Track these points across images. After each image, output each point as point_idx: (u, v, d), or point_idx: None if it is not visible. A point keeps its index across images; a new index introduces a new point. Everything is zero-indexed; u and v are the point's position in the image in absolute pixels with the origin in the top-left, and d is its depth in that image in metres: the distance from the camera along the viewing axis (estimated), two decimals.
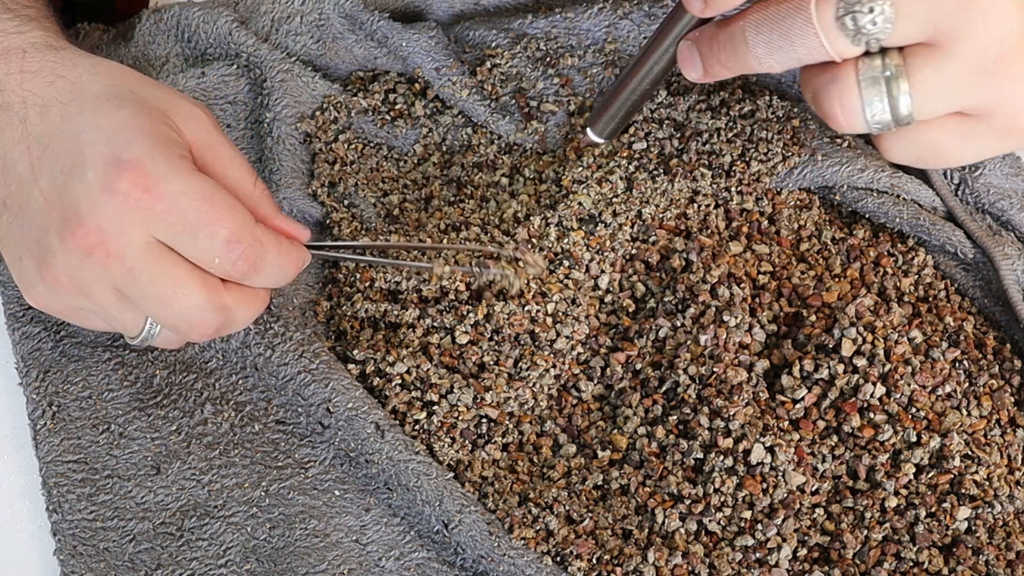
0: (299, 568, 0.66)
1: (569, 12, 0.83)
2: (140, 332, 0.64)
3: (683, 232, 0.76)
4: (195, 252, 0.61)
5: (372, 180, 0.79)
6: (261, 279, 0.63)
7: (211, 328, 0.63)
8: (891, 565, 0.65)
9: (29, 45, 0.66)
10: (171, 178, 0.60)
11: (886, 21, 0.54)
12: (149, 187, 0.60)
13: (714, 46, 0.59)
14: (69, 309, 0.64)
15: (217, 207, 0.61)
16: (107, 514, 0.67)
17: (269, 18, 0.82)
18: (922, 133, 0.58)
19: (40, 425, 0.69)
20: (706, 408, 0.69)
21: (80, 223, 0.60)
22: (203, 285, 0.62)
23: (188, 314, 0.62)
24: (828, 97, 0.57)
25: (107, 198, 0.60)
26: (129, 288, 0.61)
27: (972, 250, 0.75)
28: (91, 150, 0.61)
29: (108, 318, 0.64)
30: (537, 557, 0.65)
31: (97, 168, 0.60)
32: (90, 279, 0.61)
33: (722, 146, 0.77)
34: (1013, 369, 0.72)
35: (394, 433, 0.68)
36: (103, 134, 0.61)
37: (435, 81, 0.81)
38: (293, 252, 0.64)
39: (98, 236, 0.60)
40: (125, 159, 0.60)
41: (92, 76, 0.64)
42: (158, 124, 0.62)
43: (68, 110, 0.63)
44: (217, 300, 0.62)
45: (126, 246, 0.60)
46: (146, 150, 0.60)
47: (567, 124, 0.79)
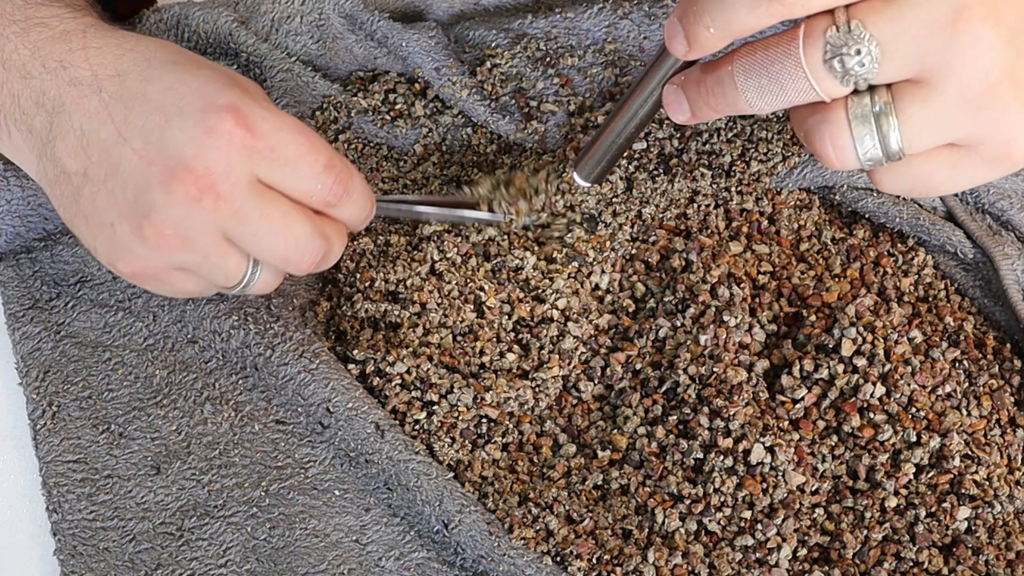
0: (299, 568, 0.66)
1: (569, 12, 0.83)
2: (243, 278, 0.66)
3: (683, 232, 0.76)
4: (297, 182, 0.64)
5: (372, 180, 0.79)
6: (350, 206, 0.66)
7: (319, 255, 0.66)
8: (891, 565, 0.65)
9: (88, 26, 0.67)
10: (267, 116, 0.63)
11: (873, 62, 0.55)
12: (250, 126, 0.62)
13: (702, 90, 0.60)
14: (166, 269, 0.65)
15: (311, 139, 0.64)
16: (107, 514, 0.67)
17: (269, 18, 0.82)
18: (913, 166, 0.58)
19: (40, 425, 0.69)
20: (706, 408, 0.69)
21: (188, 169, 0.62)
22: (307, 215, 0.65)
23: (298, 242, 0.65)
24: (820, 137, 0.58)
25: (212, 140, 0.62)
26: (239, 228, 0.63)
27: (972, 250, 0.75)
28: (185, 101, 0.63)
29: (210, 268, 0.65)
30: (537, 557, 0.65)
31: (196, 115, 0.62)
32: (197, 227, 0.63)
33: (722, 146, 0.77)
34: (1013, 369, 0.72)
35: (394, 433, 0.68)
36: (191, 87, 0.63)
37: (435, 81, 0.81)
38: (369, 188, 0.68)
39: (207, 179, 0.62)
40: (221, 103, 0.62)
41: (160, 48, 0.66)
42: (238, 79, 0.65)
43: (146, 74, 0.64)
44: (320, 228, 0.65)
45: (234, 185, 0.62)
46: (237, 95, 0.63)
47: (567, 124, 0.79)
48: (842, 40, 0.54)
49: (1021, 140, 0.57)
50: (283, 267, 0.66)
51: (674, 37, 0.58)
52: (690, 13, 0.57)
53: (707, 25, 0.56)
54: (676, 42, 0.58)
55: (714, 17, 0.56)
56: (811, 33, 0.55)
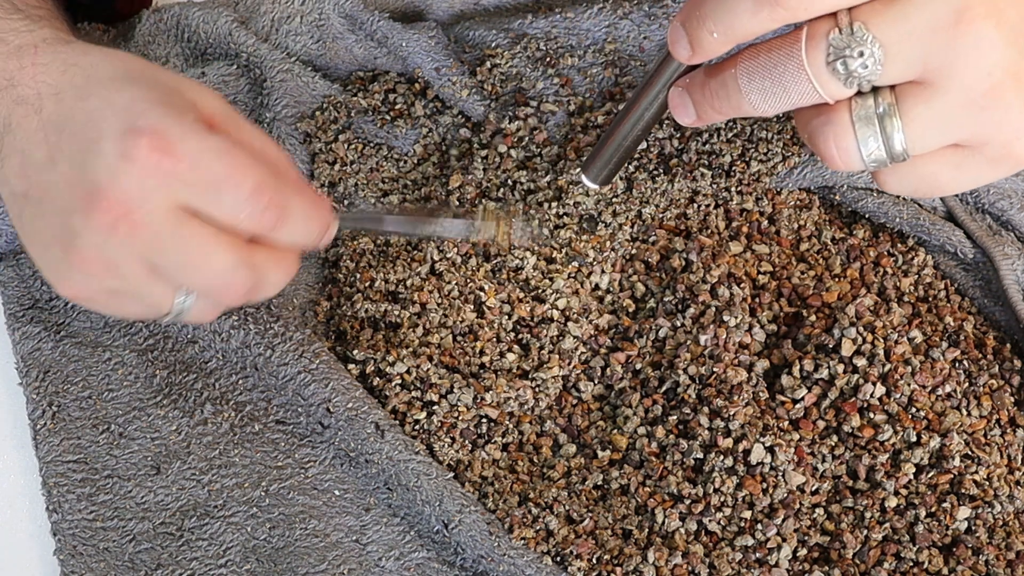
0: (299, 568, 0.66)
1: (569, 12, 0.83)
2: (171, 307, 0.64)
3: (683, 232, 0.76)
4: (221, 210, 0.61)
5: (372, 180, 0.79)
6: (288, 232, 0.63)
7: (244, 287, 0.62)
8: (891, 565, 0.65)
9: (40, 41, 0.66)
10: (189, 138, 0.60)
11: (876, 64, 0.55)
12: (168, 149, 0.60)
13: (706, 93, 0.60)
14: (103, 293, 0.64)
15: (237, 160, 0.61)
16: (107, 514, 0.67)
17: (269, 18, 0.82)
18: (918, 167, 0.59)
19: (40, 425, 0.69)
20: (706, 408, 0.69)
21: (103, 196, 0.60)
22: (231, 244, 0.61)
23: (220, 275, 0.61)
24: (824, 139, 0.58)
25: (126, 166, 0.60)
26: (157, 257, 0.61)
27: (972, 250, 0.75)
28: (106, 124, 0.61)
29: (139, 296, 0.64)
30: (537, 557, 0.65)
31: (114, 139, 0.60)
32: (118, 254, 0.61)
33: (722, 146, 0.77)
34: (1013, 369, 0.72)
35: (394, 433, 0.68)
36: (116, 108, 0.61)
37: (435, 81, 0.81)
38: (320, 205, 0.64)
39: (122, 207, 0.60)
40: (140, 126, 0.60)
41: (104, 62, 0.64)
42: (171, 96, 0.62)
43: (81, 92, 0.63)
44: (247, 257, 0.62)
45: (150, 213, 0.60)
46: (161, 117, 0.61)
47: (567, 124, 0.79)
48: (845, 42, 0.55)
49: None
50: (207, 298, 0.64)
51: (677, 42, 0.58)
52: (693, 18, 0.57)
53: (710, 30, 0.56)
54: (680, 47, 0.58)
55: (717, 22, 0.56)
56: (814, 36, 0.55)
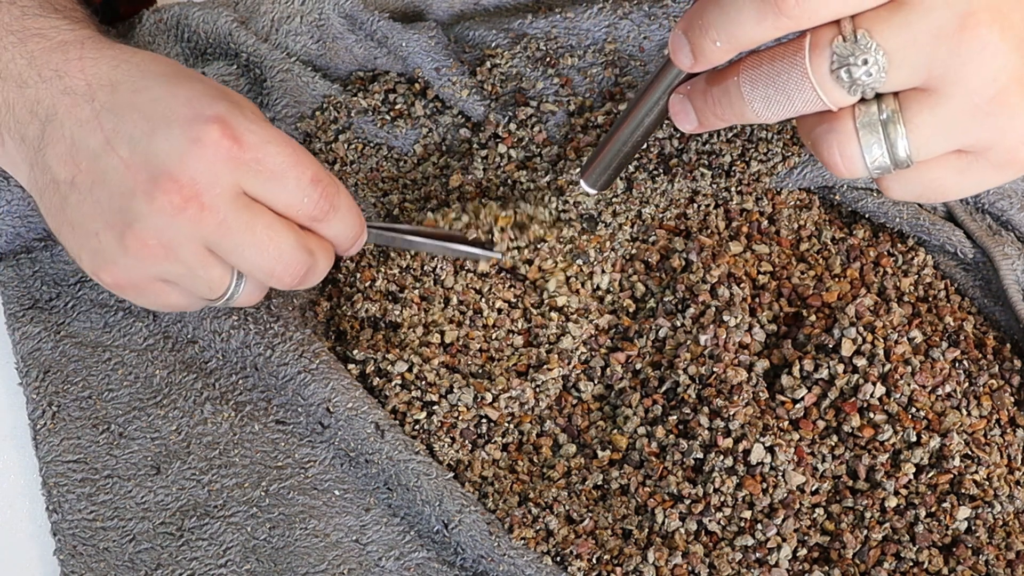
0: (299, 568, 0.66)
1: (569, 12, 0.83)
2: (227, 289, 0.66)
3: (683, 232, 0.76)
4: (283, 196, 0.64)
5: (372, 180, 0.79)
6: (337, 222, 0.66)
7: (302, 269, 0.65)
8: (891, 565, 0.65)
9: (85, 38, 0.67)
10: (254, 129, 0.63)
11: (880, 71, 0.55)
12: (237, 137, 0.62)
13: (708, 100, 0.60)
14: (149, 280, 0.65)
15: (298, 152, 0.64)
16: (107, 514, 0.67)
17: (269, 18, 0.82)
18: (921, 173, 0.58)
19: (40, 425, 0.69)
20: (706, 408, 0.69)
21: (172, 178, 0.62)
22: (292, 228, 0.65)
23: (282, 255, 0.64)
24: (828, 146, 0.57)
25: (198, 150, 0.62)
26: (222, 240, 0.63)
27: (972, 250, 0.75)
28: (173, 112, 0.63)
29: (193, 280, 0.65)
30: (537, 557, 0.65)
31: (183, 125, 0.62)
32: (180, 237, 0.63)
33: (722, 146, 0.77)
34: (1013, 369, 0.72)
35: (394, 433, 0.68)
36: (181, 98, 0.63)
37: (435, 81, 0.81)
38: (357, 206, 0.67)
39: (192, 189, 0.62)
40: (210, 114, 0.62)
41: (154, 61, 0.66)
42: (228, 92, 0.65)
43: (139, 84, 0.64)
44: (305, 242, 0.65)
45: (219, 196, 0.62)
46: (226, 107, 0.63)
47: (567, 124, 0.79)
48: (849, 50, 0.54)
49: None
50: (266, 280, 0.66)
51: (679, 50, 0.58)
52: (695, 27, 0.57)
53: (713, 39, 0.56)
54: (682, 55, 0.58)
55: (720, 31, 0.56)
56: (817, 44, 0.55)
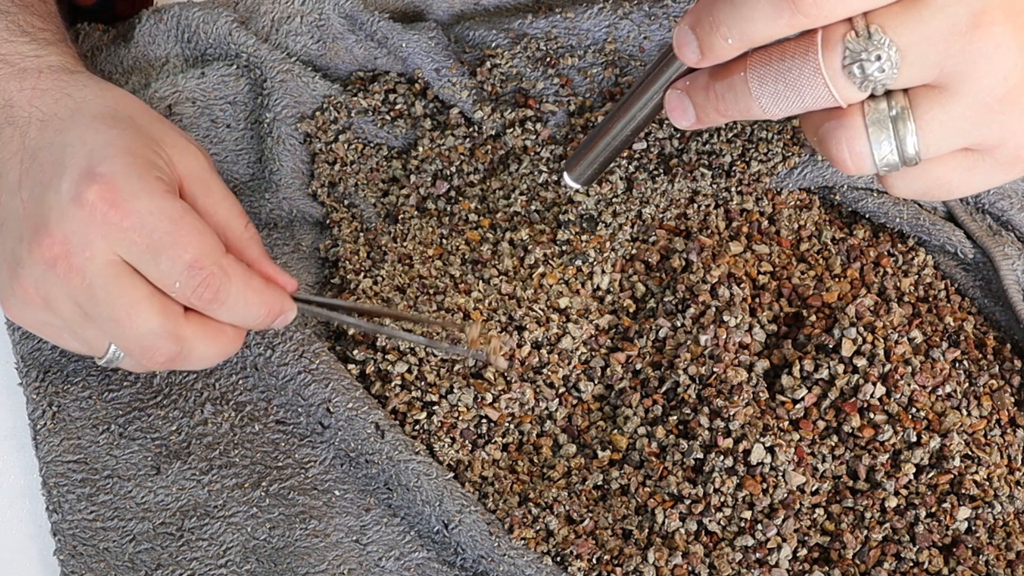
0: (299, 568, 0.66)
1: (569, 12, 0.83)
2: (105, 352, 0.64)
3: (683, 232, 0.76)
4: (156, 274, 0.61)
5: (372, 180, 0.79)
6: (224, 312, 0.63)
7: (163, 356, 0.63)
8: (891, 565, 0.65)
9: (46, 67, 0.67)
10: (141, 196, 0.61)
11: (893, 67, 0.54)
12: (117, 202, 0.60)
13: (711, 95, 0.59)
14: (40, 323, 0.65)
15: (184, 230, 0.61)
16: (107, 514, 0.67)
17: (269, 18, 0.82)
18: (929, 171, 0.58)
19: (40, 425, 0.69)
20: (706, 408, 0.69)
21: (48, 232, 0.61)
22: (160, 310, 0.62)
23: (141, 338, 0.62)
24: (836, 142, 0.57)
25: (75, 210, 0.61)
26: (88, 305, 0.62)
27: (972, 250, 0.75)
28: (71, 162, 0.62)
29: (73, 335, 0.64)
30: (537, 557, 0.65)
31: (71, 179, 0.61)
32: (54, 292, 0.62)
33: (722, 146, 0.77)
34: (1013, 369, 0.72)
35: (394, 433, 0.68)
36: (86, 148, 0.62)
37: (435, 82, 0.81)
38: (265, 292, 0.64)
39: (63, 247, 0.61)
40: (98, 172, 0.61)
41: (97, 97, 0.65)
42: (143, 148, 0.63)
43: (63, 124, 0.64)
44: (173, 328, 0.62)
45: (88, 260, 0.61)
46: (122, 167, 0.61)
47: (567, 124, 0.79)
48: (861, 46, 0.54)
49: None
50: (130, 355, 0.63)
51: (686, 45, 0.57)
52: (705, 22, 0.56)
53: (724, 35, 0.55)
54: (688, 50, 0.57)
55: (731, 27, 0.55)
56: (829, 39, 0.54)
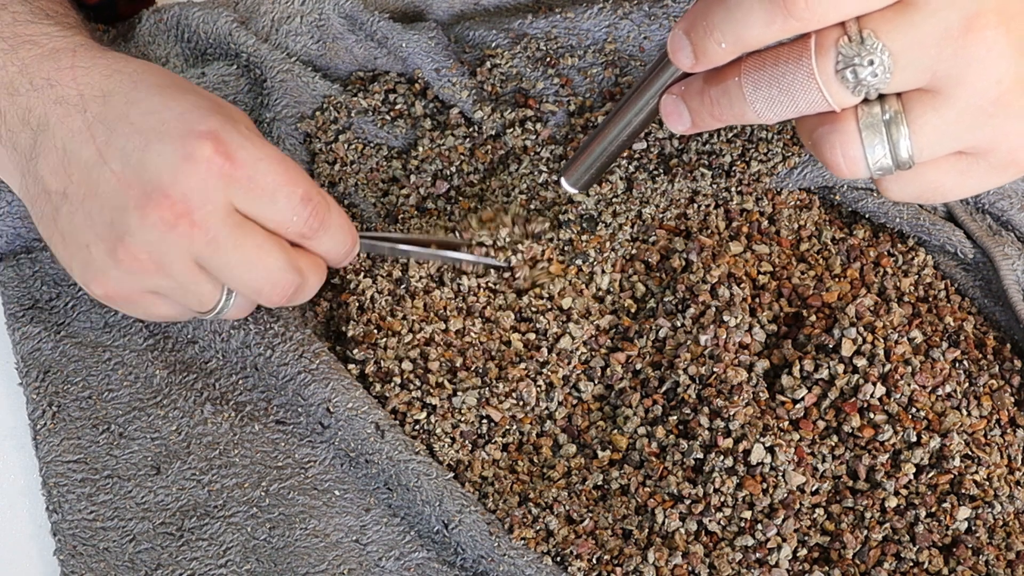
0: (299, 568, 0.66)
1: (569, 12, 0.83)
2: (216, 304, 0.66)
3: (683, 232, 0.76)
4: (273, 213, 0.64)
5: (372, 180, 0.79)
6: (327, 239, 0.66)
7: (291, 288, 0.65)
8: (891, 565, 0.65)
9: (77, 46, 0.67)
10: (247, 146, 0.63)
11: (885, 72, 0.55)
12: (229, 155, 0.62)
13: (706, 100, 0.59)
14: (140, 292, 0.65)
15: (291, 170, 0.64)
16: (107, 514, 0.67)
17: (269, 18, 0.82)
18: (922, 174, 0.58)
19: (40, 425, 0.69)
20: (706, 408, 0.69)
21: (164, 194, 0.62)
22: (282, 247, 0.65)
23: (271, 274, 0.64)
24: (830, 146, 0.57)
25: (190, 167, 0.62)
26: (212, 257, 0.63)
27: (972, 250, 0.75)
28: (166, 127, 0.63)
29: (184, 294, 0.65)
30: (537, 557, 0.65)
31: (176, 141, 0.62)
32: (171, 253, 0.63)
33: (722, 146, 0.77)
34: (1013, 369, 0.72)
35: (394, 433, 0.68)
36: (175, 112, 0.63)
37: (435, 81, 0.81)
38: (350, 223, 0.68)
39: (184, 205, 0.62)
40: (202, 130, 0.62)
41: (148, 70, 0.66)
42: (221, 107, 0.65)
43: (132, 96, 0.64)
44: (294, 261, 0.65)
45: (210, 214, 0.62)
46: (219, 123, 0.63)
47: (567, 124, 0.79)
48: (854, 51, 0.54)
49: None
50: (255, 298, 0.66)
51: (680, 50, 0.57)
52: (699, 27, 0.56)
53: (718, 40, 0.56)
54: (682, 55, 0.58)
55: (725, 32, 0.55)
56: (823, 44, 0.55)
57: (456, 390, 0.70)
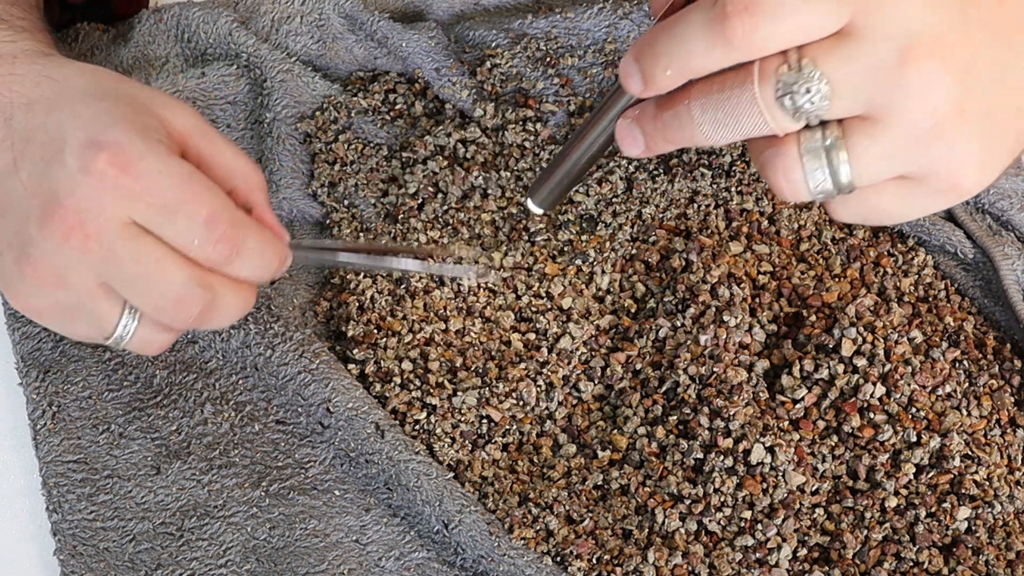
0: (299, 568, 0.66)
1: (569, 12, 0.83)
2: (115, 328, 0.63)
3: (683, 232, 0.76)
4: (173, 234, 0.61)
5: (372, 180, 0.79)
6: (243, 266, 0.63)
7: (197, 306, 0.62)
8: (891, 565, 0.65)
9: (20, 52, 0.67)
10: (149, 159, 0.61)
11: (823, 99, 0.55)
12: (127, 167, 0.60)
13: (658, 124, 0.60)
14: (51, 308, 0.64)
15: (196, 188, 0.61)
16: (107, 514, 0.67)
17: (269, 18, 0.82)
18: (866, 198, 0.60)
19: (40, 425, 0.69)
20: (706, 408, 0.69)
21: (59, 205, 0.60)
22: (186, 262, 0.61)
23: (172, 289, 0.61)
24: (773, 169, 0.58)
25: (85, 178, 0.60)
26: (110, 270, 0.61)
27: (972, 250, 0.75)
28: (70, 136, 0.61)
29: (85, 312, 0.63)
30: (537, 557, 0.65)
31: (75, 151, 0.61)
32: (69, 265, 0.61)
33: (722, 146, 0.77)
34: (1013, 369, 0.72)
35: (394, 433, 0.68)
36: (82, 120, 0.62)
37: (435, 81, 0.81)
38: (275, 243, 0.64)
39: (76, 217, 0.60)
40: (102, 140, 0.60)
41: (78, 75, 0.65)
42: (138, 114, 0.63)
43: (51, 104, 0.63)
44: (202, 275, 0.62)
45: (104, 226, 0.60)
46: (124, 133, 0.61)
47: (567, 124, 0.79)
48: (793, 78, 0.55)
49: (968, 171, 0.58)
50: (158, 317, 0.63)
51: (630, 76, 0.59)
52: (647, 55, 0.58)
53: (664, 67, 0.57)
54: (632, 81, 0.59)
55: (671, 59, 0.57)
56: (765, 71, 0.56)
57: (456, 390, 0.70)
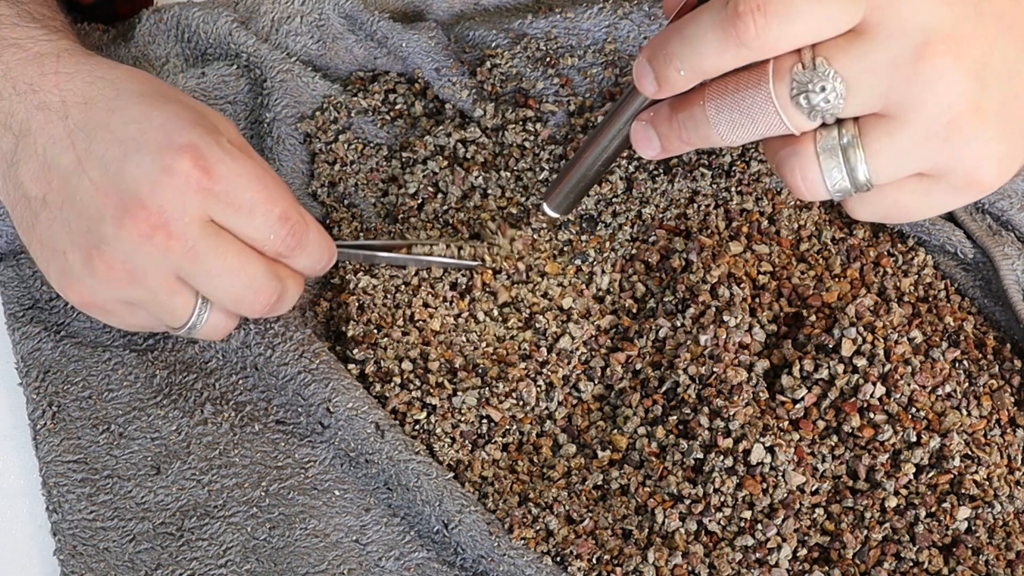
0: (299, 568, 0.66)
1: (569, 12, 0.83)
2: (188, 319, 0.66)
3: (683, 232, 0.76)
4: (250, 230, 0.64)
5: (372, 180, 0.79)
6: (304, 257, 0.67)
7: (272, 297, 0.66)
8: (891, 565, 0.65)
9: (62, 51, 0.67)
10: (227, 160, 0.63)
11: (838, 98, 0.56)
12: (207, 168, 0.62)
13: (673, 125, 0.61)
14: (115, 302, 0.65)
15: (270, 187, 0.64)
16: (107, 514, 0.67)
17: (269, 18, 0.82)
18: (884, 196, 0.60)
19: (40, 425, 0.69)
20: (706, 408, 0.69)
21: (141, 205, 0.62)
22: (260, 256, 0.65)
23: (252, 282, 0.65)
24: (790, 169, 0.59)
25: (168, 179, 0.62)
26: (192, 266, 0.63)
27: (972, 250, 0.75)
28: (146, 137, 0.63)
29: (157, 306, 0.65)
30: (537, 557, 0.65)
31: (155, 152, 0.62)
32: (147, 263, 0.63)
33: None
34: (1013, 369, 0.72)
35: (394, 433, 0.68)
36: (155, 123, 0.63)
37: (435, 81, 0.81)
38: (328, 239, 0.68)
39: (160, 217, 0.62)
40: (181, 143, 0.63)
41: (131, 78, 0.66)
42: (203, 118, 0.65)
43: (114, 104, 0.64)
44: (275, 270, 0.66)
45: (188, 225, 0.62)
46: (200, 136, 0.63)
47: (567, 124, 0.79)
48: (808, 77, 0.55)
49: (987, 167, 0.58)
50: (236, 308, 0.66)
51: (644, 77, 0.59)
52: (660, 56, 0.58)
53: (677, 68, 0.57)
54: (646, 82, 0.59)
55: (684, 60, 0.57)
56: (779, 70, 0.56)
57: (456, 390, 0.70)
